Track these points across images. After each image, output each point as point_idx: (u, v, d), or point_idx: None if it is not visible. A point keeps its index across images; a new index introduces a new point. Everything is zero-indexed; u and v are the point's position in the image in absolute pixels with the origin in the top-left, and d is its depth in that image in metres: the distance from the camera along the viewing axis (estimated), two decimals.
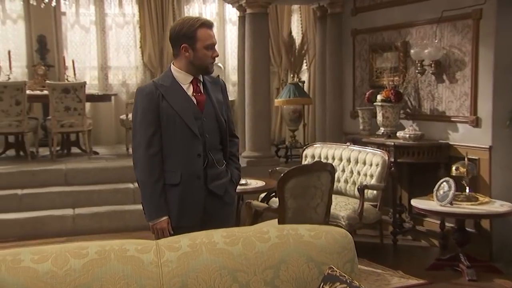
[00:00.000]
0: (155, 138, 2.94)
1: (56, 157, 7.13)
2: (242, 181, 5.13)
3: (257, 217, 5.04)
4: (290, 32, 7.92)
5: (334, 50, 6.83)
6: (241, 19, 6.96)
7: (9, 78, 7.44)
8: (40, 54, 8.32)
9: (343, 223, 4.97)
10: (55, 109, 6.91)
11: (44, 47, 8.33)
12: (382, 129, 5.82)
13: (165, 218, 2.95)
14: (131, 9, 8.81)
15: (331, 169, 4.40)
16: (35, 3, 7.42)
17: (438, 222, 5.36)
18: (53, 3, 7.33)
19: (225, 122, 3.10)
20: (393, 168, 5.38)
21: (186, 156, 2.95)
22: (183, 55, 2.97)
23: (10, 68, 7.61)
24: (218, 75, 3.34)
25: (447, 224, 5.27)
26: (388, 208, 5.72)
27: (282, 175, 4.26)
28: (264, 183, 5.20)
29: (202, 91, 3.06)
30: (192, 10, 8.99)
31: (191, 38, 2.93)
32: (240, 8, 6.84)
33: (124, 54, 8.89)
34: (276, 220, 4.26)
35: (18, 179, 6.38)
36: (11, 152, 7.43)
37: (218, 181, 3.06)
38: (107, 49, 8.77)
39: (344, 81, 6.84)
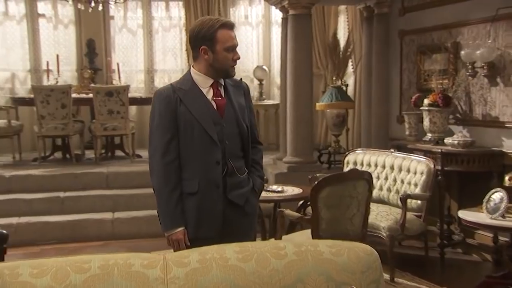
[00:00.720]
0: (172, 145, 2.82)
1: (100, 160, 7.19)
2: (278, 188, 4.99)
3: (293, 226, 4.87)
4: (335, 34, 7.68)
5: (381, 52, 6.56)
6: (284, 20, 6.79)
7: (57, 82, 7.57)
8: (89, 58, 8.44)
9: (384, 234, 4.73)
10: (98, 112, 6.97)
11: (93, 51, 8.45)
12: (429, 135, 5.52)
13: (181, 229, 2.83)
14: (178, 12, 8.82)
15: (369, 178, 4.16)
16: (83, 8, 7.51)
17: (491, 235, 5.00)
18: (100, 8, 7.39)
19: (247, 128, 2.95)
20: (440, 177, 5.08)
21: (204, 163, 2.83)
22: (203, 57, 2.86)
23: (58, 71, 7.75)
24: (241, 78, 3.19)
25: (501, 238, 4.92)
26: (435, 218, 5.40)
27: (315, 183, 4.08)
28: (301, 190, 5.01)
29: (223, 95, 2.93)
30: (237, 13, 8.91)
31: (210, 40, 2.81)
32: (283, 9, 6.68)
33: (170, 57, 8.90)
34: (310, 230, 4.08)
35: (61, 181, 6.46)
36: (59, 155, 7.56)
37: (238, 190, 2.92)
38: (154, 52, 8.80)
39: (390, 84, 6.56)
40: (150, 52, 8.78)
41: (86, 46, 8.47)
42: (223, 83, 2.95)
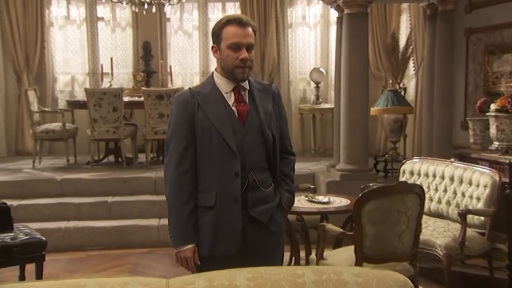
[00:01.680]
0: (188, 153, 2.61)
1: (150, 164, 7.11)
2: (324, 199, 4.67)
3: (339, 242, 4.54)
4: (394, 33, 7.23)
5: (444, 52, 6.08)
6: (339, 20, 6.44)
7: (111, 85, 7.57)
8: (144, 60, 8.42)
9: (440, 253, 4.30)
10: (149, 116, 6.89)
11: (149, 53, 8.42)
12: (495, 144, 5.00)
13: (190, 246, 2.61)
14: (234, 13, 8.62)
15: (420, 191, 3.77)
16: (137, 10, 7.47)
17: None
18: (153, 10, 7.32)
19: (273, 137, 2.68)
20: (508, 190, 4.58)
21: (222, 175, 2.59)
22: (216, 58, 2.69)
23: (112, 74, 7.75)
24: (271, 82, 2.92)
25: None
26: (504, 235, 4.88)
27: (358, 196, 3.74)
28: (348, 201, 4.66)
29: (247, 101, 2.68)
30: (295, 13, 8.62)
31: (217, 37, 2.62)
32: (338, 8, 6.33)
33: None
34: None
35: (110, 186, 6.42)
36: (112, 158, 7.56)
37: (261, 206, 2.66)
38: (209, 54, 8.65)
39: (454, 87, 6.06)
40: (206, 54, 8.65)
41: (142, 48, 8.45)
42: (248, 87, 2.71)
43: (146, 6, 7.15)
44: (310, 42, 8.61)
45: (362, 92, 5.92)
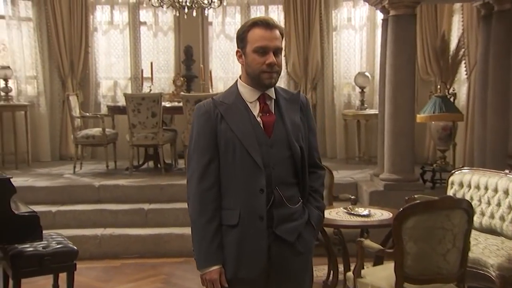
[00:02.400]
0: (211, 168, 2.44)
1: None
2: (365, 212, 4.39)
3: (380, 257, 4.26)
4: (443, 36, 6.85)
5: (500, 55, 5.70)
6: (385, 22, 6.14)
7: (150, 90, 7.50)
8: (186, 65, 8.32)
9: (493, 274, 3.97)
10: (188, 121, 6.75)
11: (190, 57, 8.31)
12: None
13: (216, 267, 2.44)
14: (277, 16, 8.43)
15: (468, 207, 3.46)
16: (177, 14, 7.38)
17: None
18: (194, 13, 7.21)
19: (301, 150, 2.49)
20: None
21: (246, 191, 2.41)
22: (241, 63, 2.51)
23: (152, 79, 7.68)
24: (299, 91, 2.70)
25: None
26: None
27: (399, 211, 3.47)
28: (390, 215, 4.36)
29: (273, 111, 2.50)
30: (340, 15, 8.33)
31: (242, 41, 2.45)
32: (384, 10, 6.03)
33: None
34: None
35: (147, 193, 6.33)
36: (152, 164, 7.48)
37: (288, 223, 2.47)
38: None
39: (511, 93, 5.65)
40: None
41: (184, 53, 8.35)
42: (274, 97, 2.52)
43: (186, 10, 7.03)
44: (356, 45, 8.31)
45: (407, 98, 5.60)
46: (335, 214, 4.45)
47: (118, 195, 6.33)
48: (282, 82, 8.43)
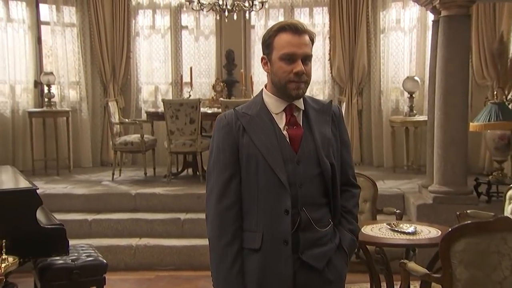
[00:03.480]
0: (232, 186, 2.22)
1: None
2: (410, 229, 4.02)
3: (427, 283, 3.90)
4: (502, 37, 6.37)
5: None
6: (435, 23, 5.74)
7: (189, 96, 7.33)
8: (227, 69, 8.12)
9: None
10: None
11: (232, 62, 8.11)
12: None
13: None
14: (322, 19, 8.13)
15: None
16: (218, 17, 7.20)
17: None
18: (235, 17, 7.00)
19: (332, 167, 2.25)
20: None
21: (269, 212, 2.18)
22: (266, 71, 2.29)
23: (191, 85, 7.51)
24: (331, 100, 2.43)
25: None
26: None
27: (447, 231, 3.12)
28: (439, 233, 3.98)
29: (301, 123, 2.26)
30: (388, 17, 7.94)
31: (268, 47, 2.24)
32: (435, 10, 5.64)
33: (313, 67, 8.20)
34: None
35: (184, 202, 6.15)
36: (190, 171, 7.31)
37: (316, 248, 2.22)
38: None
39: None
40: None
41: (225, 57, 8.16)
42: (302, 107, 2.28)
43: (226, 14, 6.83)
44: (405, 48, 7.89)
45: (459, 105, 5.19)
46: (378, 230, 4.10)
47: (154, 204, 6.19)
48: (326, 87, 8.12)
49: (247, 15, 7.22)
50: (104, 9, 8.17)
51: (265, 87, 2.33)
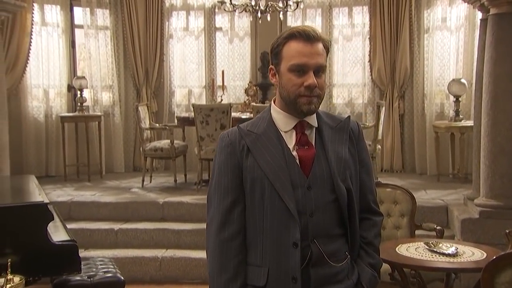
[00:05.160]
0: (234, 213, 1.97)
1: None
2: (450, 249, 3.62)
3: None
4: None
5: None
6: (483, 22, 5.29)
7: (221, 100, 7.08)
8: (262, 72, 7.82)
9: None
10: None
11: (267, 64, 7.80)
12: None
13: None
14: (362, 19, 7.73)
15: None
16: (251, 19, 6.93)
17: None
18: (268, 18, 6.71)
19: (349, 192, 1.96)
20: None
21: (275, 244, 1.92)
22: (274, 83, 2.04)
23: (223, 89, 7.25)
24: (349, 116, 2.11)
25: None
26: None
27: (491, 260, 2.74)
28: (484, 255, 3.57)
29: (314, 143, 1.98)
30: (433, 16, 7.46)
31: (276, 56, 1.97)
32: (483, 8, 5.19)
33: (351, 69, 7.86)
34: None
35: None
36: None
37: (330, 287, 1.95)
38: (332, 64, 7.83)
39: None
40: (329, 64, 7.83)
41: (260, 59, 7.87)
42: (315, 124, 2.00)
43: (259, 15, 6.54)
44: (451, 48, 7.39)
45: (509, 111, 4.73)
46: (414, 250, 3.71)
47: (182, 213, 5.95)
48: (366, 90, 7.72)
49: (281, 16, 6.89)
50: (138, 11, 8.02)
51: (273, 101, 2.06)
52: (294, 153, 1.96)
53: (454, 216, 5.26)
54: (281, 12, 6.83)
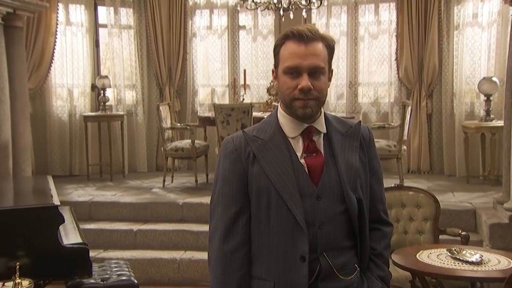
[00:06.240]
0: (238, 224, 1.87)
1: None
2: (474, 257, 3.42)
3: None
4: None
5: None
6: None
7: (243, 99, 6.96)
8: None
9: None
10: None
11: None
12: None
13: None
14: (388, 16, 7.52)
15: None
16: (273, 17, 6.79)
17: None
18: (291, 16, 6.55)
19: (359, 202, 1.85)
20: None
21: (282, 257, 1.82)
22: (275, 86, 2.01)
23: (245, 88, 7.14)
24: (360, 121, 1.98)
25: None
26: None
27: None
28: (510, 263, 3.37)
29: (322, 150, 1.87)
30: (463, 12, 7.19)
31: (275, 58, 1.89)
32: None
33: (377, 68, 7.66)
34: None
35: None
36: None
37: None
38: (358, 63, 7.64)
39: None
40: (355, 63, 7.66)
41: None
42: (324, 130, 1.89)
43: (282, 12, 6.41)
44: (482, 45, 7.11)
45: None
46: (436, 257, 3.52)
47: (201, 214, 5.86)
48: (392, 89, 7.50)
49: (304, 13, 6.73)
50: (161, 10, 7.96)
51: (280, 104, 1.94)
52: (302, 161, 1.86)
53: (482, 220, 5.04)
54: (305, 10, 6.66)
